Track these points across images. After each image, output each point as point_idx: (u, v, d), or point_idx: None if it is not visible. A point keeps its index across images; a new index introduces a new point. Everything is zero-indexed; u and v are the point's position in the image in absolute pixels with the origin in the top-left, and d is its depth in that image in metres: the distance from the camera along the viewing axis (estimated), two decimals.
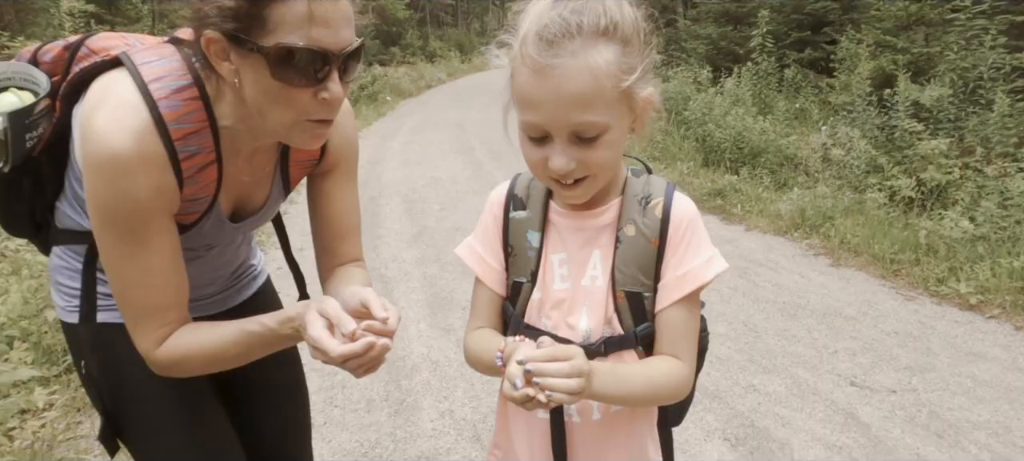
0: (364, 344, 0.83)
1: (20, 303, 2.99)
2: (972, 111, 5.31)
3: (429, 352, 3.12)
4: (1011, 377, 2.91)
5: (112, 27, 9.63)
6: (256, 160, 1.06)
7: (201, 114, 0.93)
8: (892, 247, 4.28)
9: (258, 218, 1.15)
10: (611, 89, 0.80)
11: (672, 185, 0.93)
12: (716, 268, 0.90)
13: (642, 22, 0.84)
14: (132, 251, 0.93)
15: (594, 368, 0.82)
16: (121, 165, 0.88)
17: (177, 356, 0.98)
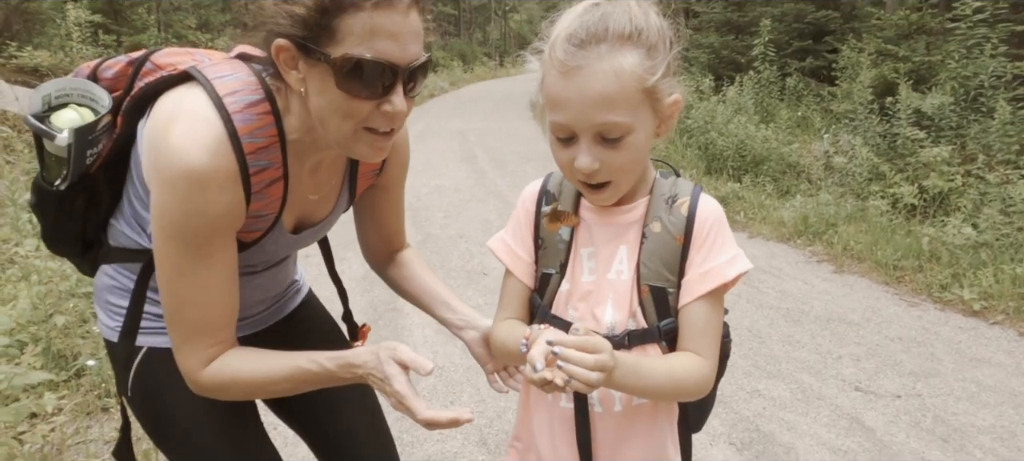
0: (449, 418, 0.86)
1: (29, 309, 3.01)
2: (974, 119, 5.33)
3: (435, 357, 3.14)
4: (1015, 382, 2.91)
5: (118, 37, 9.72)
6: (321, 175, 1.06)
7: (272, 129, 0.94)
8: (895, 254, 4.30)
9: (319, 230, 1.14)
10: (635, 91, 0.83)
11: (699, 187, 0.95)
12: (739, 267, 0.91)
13: (666, 29, 0.86)
14: (193, 267, 0.92)
15: (618, 360, 0.83)
16: (197, 180, 0.87)
17: (223, 380, 0.97)
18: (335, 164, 1.09)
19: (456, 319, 1.19)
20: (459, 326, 1.18)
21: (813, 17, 8.38)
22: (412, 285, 1.26)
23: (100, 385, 2.76)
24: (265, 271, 1.16)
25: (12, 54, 7.37)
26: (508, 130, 11.98)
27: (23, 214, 3.89)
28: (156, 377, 1.08)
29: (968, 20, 5.69)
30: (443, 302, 1.22)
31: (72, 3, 8.85)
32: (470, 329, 1.16)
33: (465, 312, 1.19)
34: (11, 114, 6.73)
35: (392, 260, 1.30)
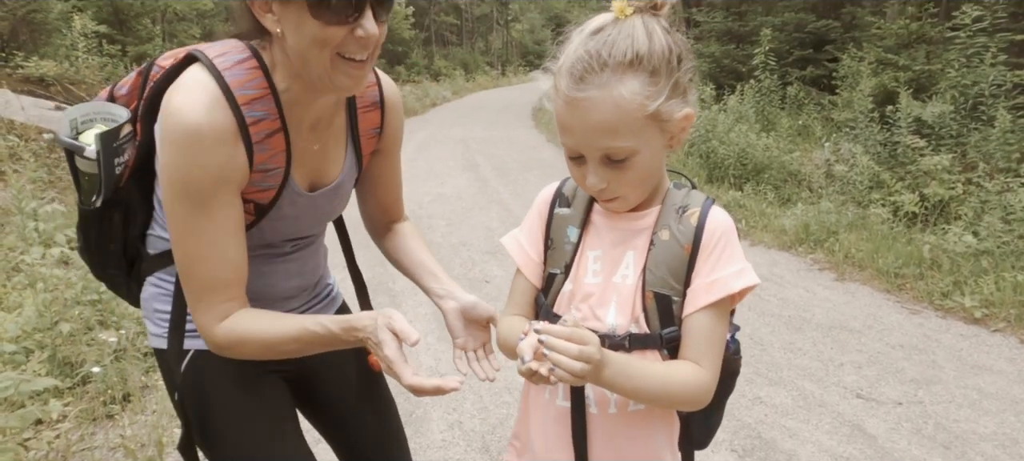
0: (434, 385, 0.91)
1: (35, 316, 3.03)
2: (974, 127, 5.35)
3: (437, 365, 3.15)
4: (1017, 390, 2.92)
5: (123, 47, 9.80)
6: (321, 129, 1.10)
7: (262, 81, 0.99)
8: (896, 262, 4.31)
9: (334, 192, 1.17)
10: (637, 117, 0.85)
11: (711, 199, 0.96)
12: (746, 280, 0.91)
13: (675, 46, 0.87)
14: (199, 224, 0.97)
15: (607, 358, 0.85)
16: (194, 135, 0.93)
17: (235, 337, 1.01)
18: (335, 121, 1.13)
19: (438, 288, 1.22)
20: (440, 295, 1.21)
21: (813, 26, 8.43)
22: (404, 256, 1.31)
23: (105, 392, 2.78)
24: (294, 253, 1.19)
25: (18, 64, 7.43)
26: (510, 138, 12.02)
27: (29, 222, 3.92)
28: (202, 378, 1.13)
29: (967, 29, 5.72)
30: (430, 272, 1.25)
31: (78, 13, 8.93)
32: (450, 300, 1.19)
33: (448, 283, 1.22)
34: (17, 123, 6.79)
35: (390, 230, 1.35)
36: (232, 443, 1.14)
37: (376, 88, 1.19)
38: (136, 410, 2.74)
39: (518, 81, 32.37)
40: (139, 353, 3.11)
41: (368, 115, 1.18)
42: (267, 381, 1.19)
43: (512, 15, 41.47)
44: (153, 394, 2.85)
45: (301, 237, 1.20)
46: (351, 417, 1.34)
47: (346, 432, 1.34)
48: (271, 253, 1.14)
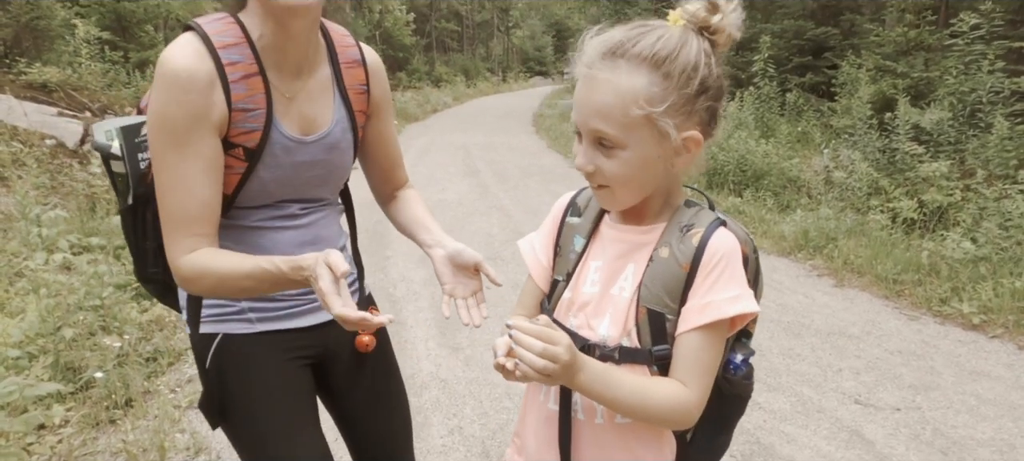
0: (359, 317, 0.94)
1: (38, 321, 3.05)
2: (972, 134, 5.38)
3: (438, 370, 3.17)
4: (1015, 396, 2.93)
5: (125, 53, 9.84)
6: (304, 75, 1.17)
7: (237, 30, 1.10)
8: (895, 268, 4.32)
9: (330, 141, 1.21)
10: (631, 113, 0.85)
11: (720, 221, 0.93)
12: (741, 307, 0.88)
13: (701, 70, 0.86)
14: (173, 159, 1.05)
15: (583, 363, 0.86)
16: (171, 76, 1.03)
17: (195, 271, 1.08)
18: (320, 71, 1.20)
19: (429, 239, 1.26)
20: (430, 244, 1.25)
21: (812, 33, 8.47)
22: (402, 216, 1.36)
23: (108, 397, 2.80)
24: (304, 218, 1.23)
25: (21, 70, 7.47)
26: (510, 145, 12.05)
27: (33, 229, 3.94)
28: (228, 362, 1.20)
29: (965, 37, 5.75)
30: (424, 226, 1.30)
31: (80, 19, 8.98)
32: (438, 247, 1.23)
33: (438, 234, 1.26)
34: (21, 129, 6.82)
35: (394, 198, 1.41)
36: (252, 427, 1.20)
37: (356, 49, 1.27)
38: (138, 415, 2.75)
39: (519, 87, 32.44)
40: (141, 358, 3.13)
41: (352, 71, 1.25)
42: (293, 368, 1.24)
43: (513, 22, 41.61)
44: (155, 399, 2.86)
45: (309, 199, 1.24)
46: (362, 406, 1.38)
47: (355, 418, 1.39)
48: (282, 216, 1.19)
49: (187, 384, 3.06)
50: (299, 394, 1.24)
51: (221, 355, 1.20)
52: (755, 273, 0.97)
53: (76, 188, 5.46)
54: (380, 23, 23.88)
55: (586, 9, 19.17)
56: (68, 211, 5.04)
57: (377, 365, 1.38)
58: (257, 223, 1.18)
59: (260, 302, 1.21)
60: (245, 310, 1.21)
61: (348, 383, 1.34)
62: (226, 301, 1.19)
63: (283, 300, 1.23)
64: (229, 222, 1.17)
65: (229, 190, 1.13)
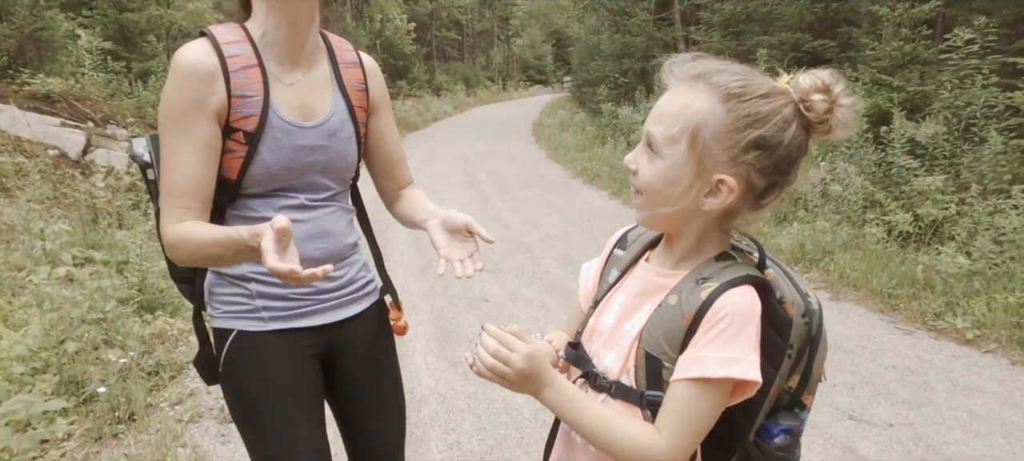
0: (289, 269, 1.00)
1: (41, 334, 3.08)
2: (966, 148, 5.42)
3: (437, 384, 3.20)
4: (1007, 411, 2.96)
5: (128, 63, 9.90)
6: (302, 66, 1.28)
7: (241, 32, 1.24)
8: (890, 282, 4.36)
9: (329, 129, 1.30)
10: (684, 125, 0.86)
11: (740, 279, 0.88)
12: (733, 371, 0.84)
13: (769, 127, 0.85)
14: (173, 139, 1.18)
15: (552, 380, 0.90)
16: (177, 69, 1.17)
17: (176, 239, 1.19)
18: (318, 67, 1.31)
19: (425, 216, 1.34)
20: (425, 218, 1.33)
21: (810, 46, 8.52)
22: (406, 208, 1.45)
23: (111, 411, 2.83)
24: (313, 209, 1.30)
25: (25, 81, 7.52)
26: (510, 154, 12.10)
27: (37, 243, 3.98)
28: (241, 357, 1.30)
29: (960, 51, 5.81)
30: (422, 208, 1.39)
31: (84, 30, 9.04)
32: (432, 218, 1.31)
33: (433, 208, 1.35)
34: (24, 139, 6.87)
35: (399, 197, 1.49)
36: (259, 418, 1.29)
37: (355, 53, 1.39)
38: (141, 429, 2.79)
39: (519, 96, 32.53)
40: (144, 372, 3.16)
41: (350, 70, 1.35)
42: (302, 366, 1.33)
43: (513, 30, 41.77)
44: (157, 413, 2.90)
45: (315, 190, 1.30)
46: (363, 404, 1.45)
47: (355, 416, 1.46)
48: (290, 207, 1.27)
49: (189, 398, 3.09)
50: (305, 391, 1.33)
51: (235, 350, 1.29)
52: (805, 340, 0.92)
53: (78, 199, 5.50)
54: (381, 32, 23.98)
55: (586, 19, 19.27)
56: (70, 222, 5.08)
57: (381, 367, 1.46)
58: (266, 214, 1.25)
59: (273, 301, 1.29)
60: (259, 308, 1.29)
61: (352, 381, 1.42)
62: (241, 297, 1.29)
63: (295, 299, 1.31)
64: (239, 213, 1.26)
65: (233, 174, 1.22)
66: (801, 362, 0.93)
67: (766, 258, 0.94)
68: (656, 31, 12.72)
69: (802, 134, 0.87)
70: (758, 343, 0.86)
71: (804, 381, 0.95)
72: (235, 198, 1.25)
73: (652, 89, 11.23)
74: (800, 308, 0.91)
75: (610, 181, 8.61)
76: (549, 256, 5.46)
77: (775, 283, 0.91)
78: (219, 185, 1.23)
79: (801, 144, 0.87)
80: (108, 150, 7.54)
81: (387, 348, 1.49)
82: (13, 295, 3.72)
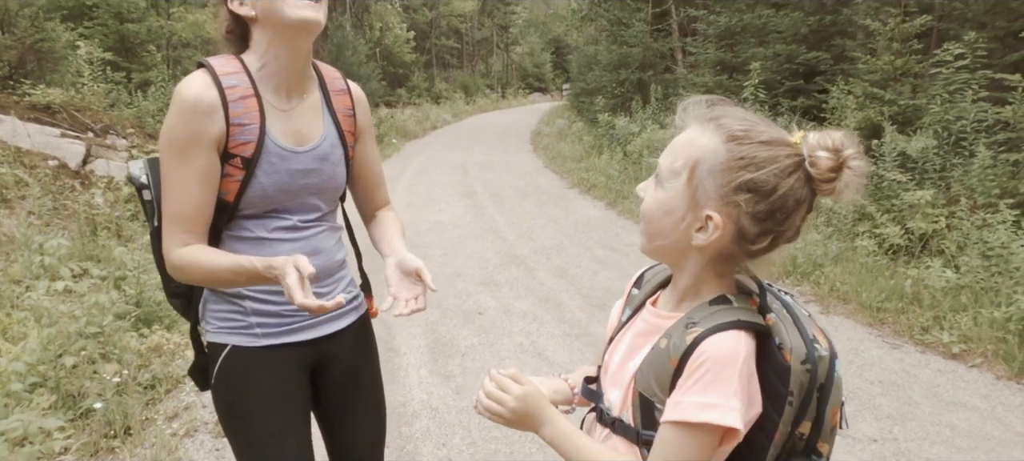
0: (318, 305, 1.13)
1: (39, 349, 3.13)
2: (956, 162, 5.48)
3: (429, 399, 3.25)
4: (990, 427, 3.01)
5: (128, 74, 9.98)
6: (295, 96, 1.36)
7: (238, 64, 1.31)
8: (879, 295, 4.41)
9: (320, 153, 1.38)
10: (686, 159, 0.90)
11: (727, 324, 0.88)
12: (711, 417, 0.84)
13: (763, 173, 0.86)
14: (175, 167, 1.25)
15: (549, 418, 0.97)
16: (180, 102, 1.24)
17: (185, 263, 1.27)
18: (310, 96, 1.39)
19: (387, 250, 1.42)
20: (387, 255, 1.41)
21: (804, 57, 8.60)
22: (376, 232, 1.54)
23: (107, 426, 2.88)
24: (306, 230, 1.39)
25: (25, 92, 7.59)
26: (508, 163, 12.17)
27: (35, 258, 4.03)
28: (234, 371, 1.37)
29: (950, 65, 5.88)
30: (387, 241, 1.47)
31: (84, 40, 9.11)
32: (391, 256, 1.39)
33: (396, 246, 1.43)
34: (24, 150, 6.93)
35: (374, 217, 1.58)
36: (250, 430, 1.37)
37: (343, 81, 1.47)
38: (136, 443, 2.83)
39: (518, 103, 32.63)
40: (140, 386, 3.21)
41: (339, 98, 1.44)
42: (291, 380, 1.41)
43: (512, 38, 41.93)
44: (153, 428, 2.94)
45: (307, 211, 1.39)
46: (346, 413, 1.53)
47: (337, 424, 1.54)
48: (283, 228, 1.35)
49: (185, 411, 3.14)
50: (293, 404, 1.41)
51: (228, 365, 1.37)
52: (810, 387, 0.88)
53: (78, 211, 5.55)
54: (380, 41, 24.10)
55: (583, 28, 19.38)
56: (69, 234, 5.14)
57: (364, 377, 1.55)
58: (260, 234, 1.34)
59: (266, 318, 1.37)
60: (252, 325, 1.36)
61: (337, 391, 1.50)
62: (235, 314, 1.36)
63: (287, 316, 1.38)
64: (234, 234, 1.34)
65: (231, 197, 1.30)
66: (808, 409, 0.89)
67: (769, 302, 0.93)
68: (653, 42, 12.80)
69: (804, 189, 0.87)
70: (741, 389, 0.86)
71: (817, 429, 0.91)
72: (232, 219, 1.33)
73: (648, 100, 11.31)
74: (800, 355, 0.88)
75: (606, 191, 8.67)
76: (543, 268, 5.51)
77: (775, 329, 0.89)
78: (217, 207, 1.30)
79: (801, 199, 0.87)
80: (108, 160, 7.60)
81: (371, 359, 1.58)
82: (13, 307, 3.76)
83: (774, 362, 0.89)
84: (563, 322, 4.25)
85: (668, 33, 12.94)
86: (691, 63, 11.75)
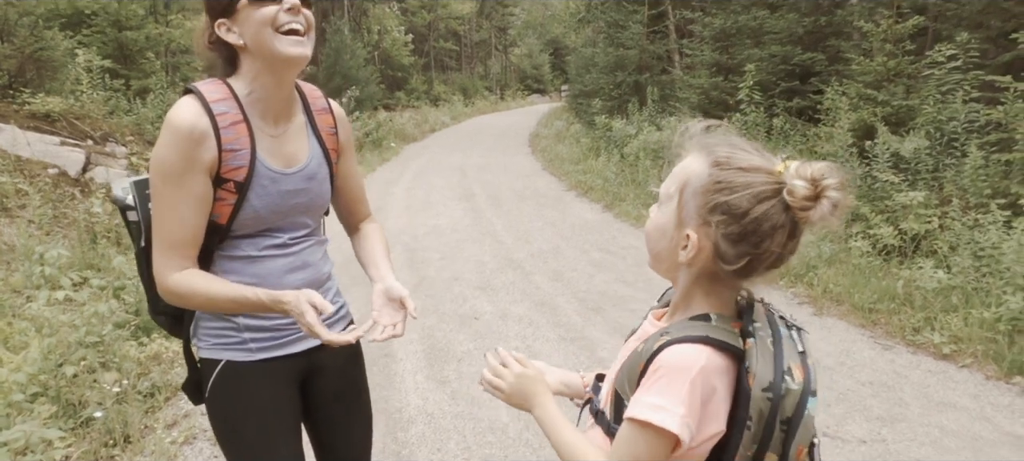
0: (345, 340, 1.21)
1: (40, 359, 3.17)
2: (948, 163, 5.52)
3: (425, 404, 3.29)
4: (978, 427, 3.05)
5: (127, 81, 10.03)
6: (282, 120, 1.39)
7: (226, 89, 1.33)
8: (872, 297, 4.45)
9: (308, 172, 1.42)
10: (678, 181, 0.97)
11: (694, 338, 0.93)
12: (654, 417, 0.90)
13: (736, 196, 0.90)
14: (167, 192, 1.27)
15: (541, 402, 1.09)
16: (173, 129, 1.26)
17: (183, 289, 1.29)
18: (296, 118, 1.42)
19: (375, 275, 1.49)
20: (375, 280, 1.47)
21: (799, 58, 8.64)
22: (362, 251, 1.58)
23: (107, 434, 2.92)
24: (294, 247, 1.43)
25: (25, 101, 7.64)
26: (506, 165, 12.21)
27: (36, 268, 4.08)
28: (228, 386, 1.41)
29: (942, 67, 5.92)
30: (373, 263, 1.52)
31: (82, 49, 9.17)
32: (378, 283, 1.45)
33: (383, 270, 1.49)
34: (24, 159, 6.98)
35: (358, 230, 1.62)
36: (244, 441, 1.42)
37: (325, 101, 1.51)
38: (136, 451, 2.87)
39: (517, 105, 32.68)
40: (140, 395, 3.25)
41: (322, 117, 1.48)
42: (284, 392, 1.45)
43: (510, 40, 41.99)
44: (152, 436, 2.98)
45: (296, 228, 1.43)
46: (334, 420, 1.58)
47: (326, 431, 1.59)
48: (273, 246, 1.39)
49: (184, 419, 3.18)
50: (285, 415, 1.46)
51: (222, 380, 1.40)
52: (771, 416, 0.89)
53: (78, 219, 5.60)
54: (378, 44, 24.15)
55: (581, 30, 19.42)
56: (70, 242, 5.18)
57: (352, 384, 1.61)
58: (252, 252, 1.37)
59: (259, 333, 1.41)
60: (246, 340, 1.41)
61: (326, 399, 1.55)
62: (228, 331, 1.40)
63: (279, 330, 1.43)
64: (225, 253, 1.37)
65: (223, 220, 1.32)
66: (771, 441, 0.90)
67: (756, 328, 0.95)
68: (649, 44, 12.85)
69: (782, 216, 0.89)
70: (689, 398, 0.89)
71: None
72: (224, 240, 1.36)
73: (645, 102, 11.35)
74: (762, 382, 0.90)
75: (603, 194, 8.71)
76: (540, 272, 5.55)
77: (749, 353, 0.92)
78: (209, 229, 1.33)
79: (779, 225, 0.89)
80: (107, 168, 7.65)
81: (358, 368, 1.64)
82: (14, 316, 3.81)
83: (740, 385, 0.92)
84: (558, 326, 4.29)
85: (665, 35, 12.98)
86: (687, 65, 11.79)
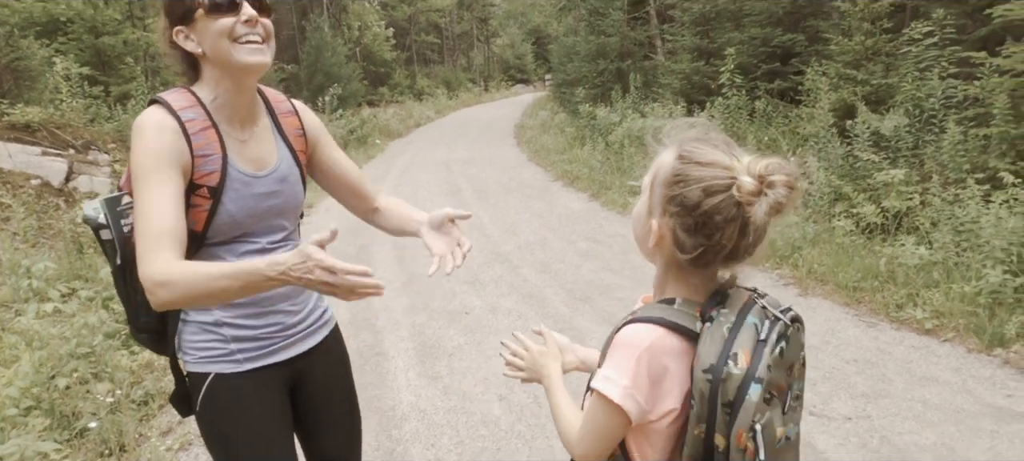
0: (358, 277, 1.09)
1: (32, 372, 3.17)
2: (928, 139, 5.60)
3: (417, 400, 3.32)
4: (959, 399, 3.12)
5: (106, 87, 9.92)
6: (248, 124, 1.42)
7: (191, 97, 1.35)
8: (856, 275, 4.52)
9: (279, 175, 1.44)
10: (651, 178, 1.03)
11: (648, 319, 1.00)
12: (601, 386, 0.99)
13: (689, 189, 0.95)
14: (145, 188, 1.27)
15: (551, 381, 1.22)
16: (140, 129, 1.29)
17: (165, 277, 1.20)
18: (261, 121, 1.45)
19: (415, 225, 1.52)
20: (416, 226, 1.51)
21: (779, 40, 8.70)
22: (393, 221, 1.62)
23: (102, 444, 2.93)
24: (272, 251, 1.43)
25: (4, 112, 7.54)
26: (491, 158, 12.22)
27: (23, 282, 4.06)
28: (218, 399, 1.42)
29: (919, 44, 6.00)
30: (408, 219, 1.56)
31: (60, 57, 9.05)
32: (421, 226, 1.49)
33: (420, 215, 1.53)
34: (5, 171, 6.90)
35: (375, 210, 1.65)
36: (236, 452, 1.43)
37: (289, 103, 1.53)
38: (132, 460, 2.89)
39: (501, 96, 32.62)
40: (133, 404, 3.26)
41: (288, 120, 1.50)
42: (274, 400, 1.47)
43: (492, 31, 41.83)
44: (147, 444, 3.00)
45: (273, 231, 1.45)
46: (323, 424, 1.60)
47: (315, 434, 1.61)
48: (252, 251, 1.40)
49: (178, 426, 3.19)
50: (276, 423, 1.47)
51: (212, 393, 1.41)
52: (712, 398, 0.93)
53: (63, 230, 5.56)
54: (359, 40, 24.00)
55: (563, 18, 19.40)
56: (56, 253, 5.15)
57: (340, 388, 1.64)
58: (229, 260, 1.36)
59: (246, 343, 1.43)
60: (233, 351, 1.42)
61: (315, 404, 1.57)
62: (215, 342, 1.40)
63: (266, 339, 1.45)
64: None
65: (199, 227, 1.33)
66: (716, 422, 0.94)
67: (717, 314, 0.97)
68: (630, 31, 12.87)
69: (732, 210, 0.92)
70: (636, 373, 0.96)
71: (727, 446, 0.94)
72: (201, 248, 1.37)
73: (628, 89, 11.39)
74: (703, 364, 0.94)
75: (589, 183, 8.75)
76: (527, 265, 5.59)
77: (702, 337, 0.96)
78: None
79: (730, 218, 0.92)
80: (91, 176, 7.59)
81: (344, 371, 1.67)
82: (3, 330, 3.79)
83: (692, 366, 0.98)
84: (547, 317, 4.34)
85: (646, 21, 13.01)
86: (669, 50, 11.83)
